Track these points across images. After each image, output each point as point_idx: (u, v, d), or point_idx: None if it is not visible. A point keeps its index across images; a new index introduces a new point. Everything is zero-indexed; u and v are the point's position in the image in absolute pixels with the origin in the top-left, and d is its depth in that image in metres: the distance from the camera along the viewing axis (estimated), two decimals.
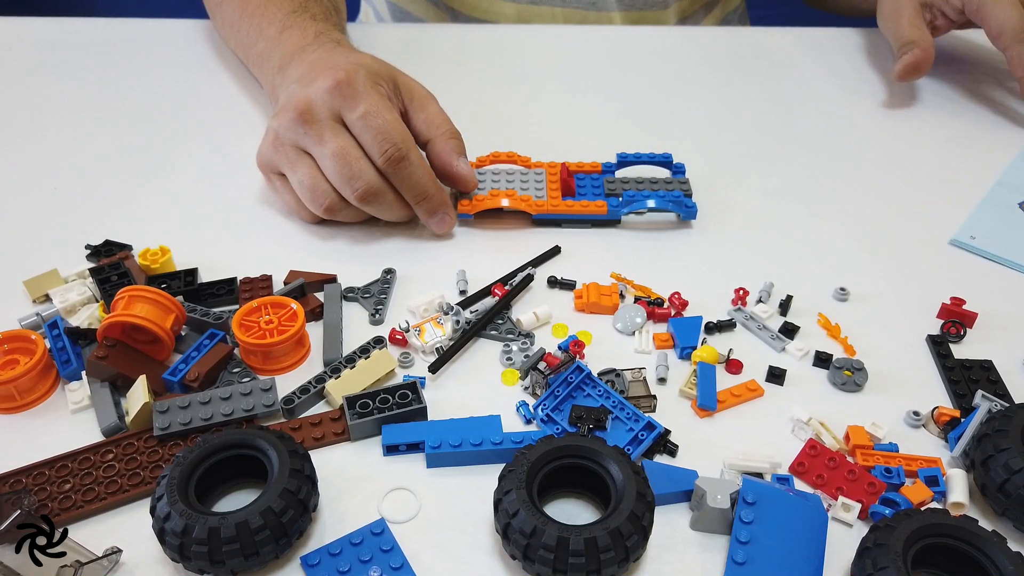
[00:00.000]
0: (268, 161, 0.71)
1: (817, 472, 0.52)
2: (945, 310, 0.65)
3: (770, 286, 0.67)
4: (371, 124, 0.66)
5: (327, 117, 0.67)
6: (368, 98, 0.67)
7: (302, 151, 0.69)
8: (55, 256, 0.68)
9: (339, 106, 0.67)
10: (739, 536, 0.47)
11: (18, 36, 1.00)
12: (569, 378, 0.56)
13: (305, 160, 0.68)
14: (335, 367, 0.59)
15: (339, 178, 0.66)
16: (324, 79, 0.68)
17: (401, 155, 0.66)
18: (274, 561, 0.48)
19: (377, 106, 0.67)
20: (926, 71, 0.87)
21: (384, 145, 0.66)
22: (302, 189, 0.68)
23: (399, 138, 0.67)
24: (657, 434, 0.54)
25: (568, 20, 1.08)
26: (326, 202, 0.68)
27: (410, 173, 0.67)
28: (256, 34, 0.84)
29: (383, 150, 0.66)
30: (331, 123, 0.67)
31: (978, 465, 0.51)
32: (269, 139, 0.70)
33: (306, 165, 0.68)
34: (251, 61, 0.87)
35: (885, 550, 0.44)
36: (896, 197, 0.78)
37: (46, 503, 0.50)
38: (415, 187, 0.68)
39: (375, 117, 0.67)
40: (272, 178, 0.72)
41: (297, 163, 0.68)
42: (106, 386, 0.57)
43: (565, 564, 0.45)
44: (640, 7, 1.07)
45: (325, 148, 0.66)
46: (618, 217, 0.72)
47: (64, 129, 0.85)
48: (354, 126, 0.67)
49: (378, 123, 0.66)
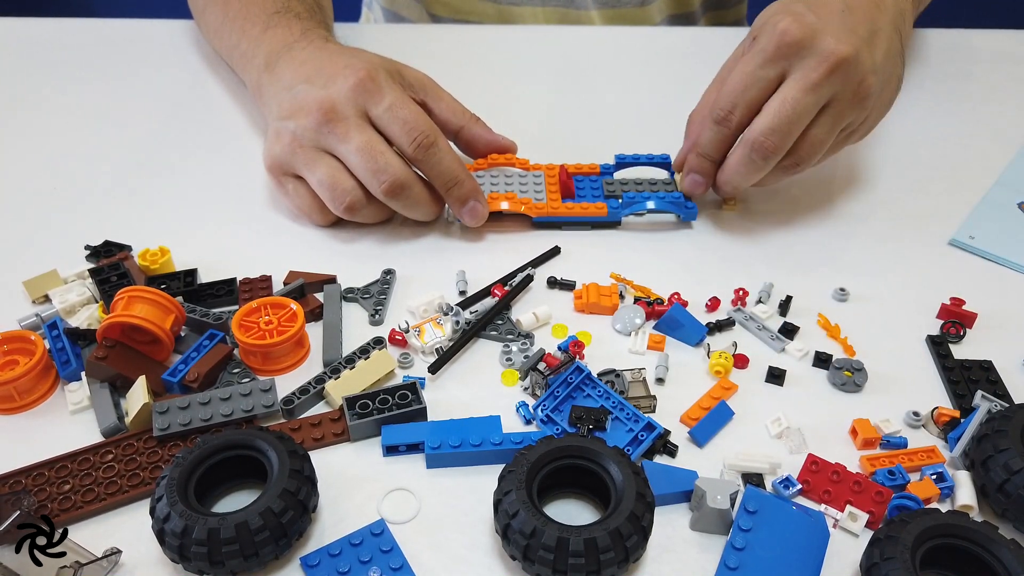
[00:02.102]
0: (283, 163, 0.70)
1: (823, 488, 0.52)
2: (945, 310, 0.65)
3: (770, 286, 0.67)
4: (398, 115, 0.67)
5: (353, 115, 0.67)
6: (391, 91, 0.68)
7: (323, 151, 0.68)
8: (55, 256, 0.68)
9: (364, 102, 0.67)
10: (735, 542, 0.47)
11: (18, 36, 1.00)
12: (569, 378, 0.56)
13: (326, 159, 0.68)
14: (335, 368, 0.59)
15: (366, 172, 0.66)
16: (344, 78, 0.68)
17: (431, 141, 0.67)
18: (274, 562, 0.48)
19: (401, 98, 0.68)
20: None
21: (413, 133, 0.67)
22: (322, 188, 0.68)
23: (427, 126, 0.67)
24: (657, 435, 0.54)
25: (548, 20, 1.07)
26: (348, 199, 0.67)
27: (440, 159, 0.68)
28: (239, 35, 0.83)
29: (412, 138, 0.67)
30: (357, 120, 0.67)
31: (978, 465, 0.51)
32: (284, 140, 0.69)
33: (327, 163, 0.68)
34: (235, 62, 0.86)
35: (894, 542, 0.44)
36: (896, 197, 0.78)
37: (46, 504, 0.50)
38: (446, 172, 0.68)
39: (401, 108, 0.67)
40: (284, 180, 0.71)
41: (318, 162, 0.68)
42: (106, 387, 0.57)
43: (565, 564, 0.45)
44: (613, 4, 1.07)
45: (350, 144, 0.66)
46: (618, 219, 0.73)
47: (64, 129, 0.85)
48: (380, 119, 0.67)
49: (404, 113, 0.67)
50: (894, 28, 0.71)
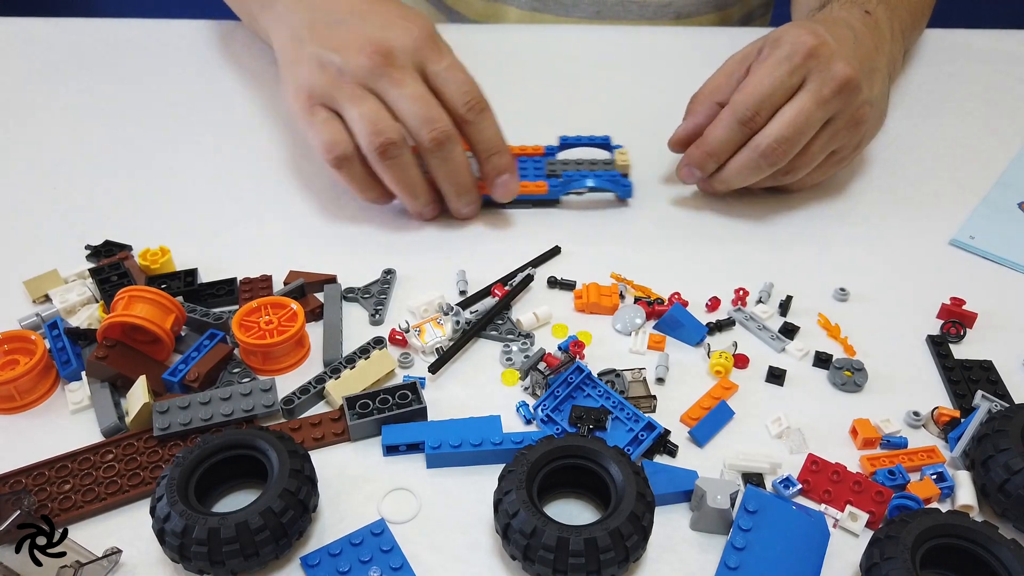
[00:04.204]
0: (321, 93, 0.68)
1: (823, 488, 0.52)
2: (945, 310, 0.65)
3: (770, 286, 0.67)
4: (456, 75, 0.68)
5: (409, 65, 0.67)
6: (450, 53, 0.70)
7: (369, 90, 0.67)
8: (55, 256, 0.68)
9: (423, 58, 0.68)
10: (735, 542, 0.47)
11: (18, 36, 1.00)
12: (569, 378, 0.56)
13: (372, 98, 0.67)
14: (335, 367, 0.59)
15: (417, 119, 0.66)
16: (405, 29, 0.68)
17: (484, 104, 0.68)
18: (274, 561, 0.48)
19: (457, 61, 0.69)
20: None
21: (469, 95, 0.67)
22: (362, 122, 0.66)
23: (480, 91, 0.69)
24: (657, 434, 0.54)
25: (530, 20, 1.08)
26: (387, 137, 0.66)
27: (489, 124, 0.69)
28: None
29: (467, 99, 0.67)
30: (412, 71, 0.67)
31: (978, 465, 0.51)
32: (328, 73, 0.67)
33: (373, 101, 0.67)
34: None
35: (894, 542, 0.44)
36: (896, 197, 0.78)
37: (46, 503, 0.50)
38: (493, 138, 0.69)
39: (459, 70, 0.69)
40: (315, 110, 0.68)
41: (363, 98, 0.66)
42: (106, 386, 0.57)
43: (565, 564, 0.45)
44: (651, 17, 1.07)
45: (404, 90, 0.66)
46: (557, 197, 0.75)
47: (64, 129, 0.85)
48: (438, 76, 0.68)
49: (461, 76, 0.68)
50: (887, 72, 0.76)
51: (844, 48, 0.69)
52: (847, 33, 0.72)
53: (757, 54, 0.71)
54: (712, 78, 0.75)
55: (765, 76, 0.68)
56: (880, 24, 0.78)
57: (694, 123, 0.73)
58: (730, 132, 0.69)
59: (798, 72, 0.68)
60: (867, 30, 0.75)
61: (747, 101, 0.68)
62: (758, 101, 0.68)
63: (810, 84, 0.68)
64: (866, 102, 0.70)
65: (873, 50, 0.74)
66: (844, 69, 0.67)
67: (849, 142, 0.72)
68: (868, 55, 0.72)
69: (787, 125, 0.67)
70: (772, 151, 0.68)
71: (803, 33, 0.69)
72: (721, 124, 0.70)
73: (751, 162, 0.69)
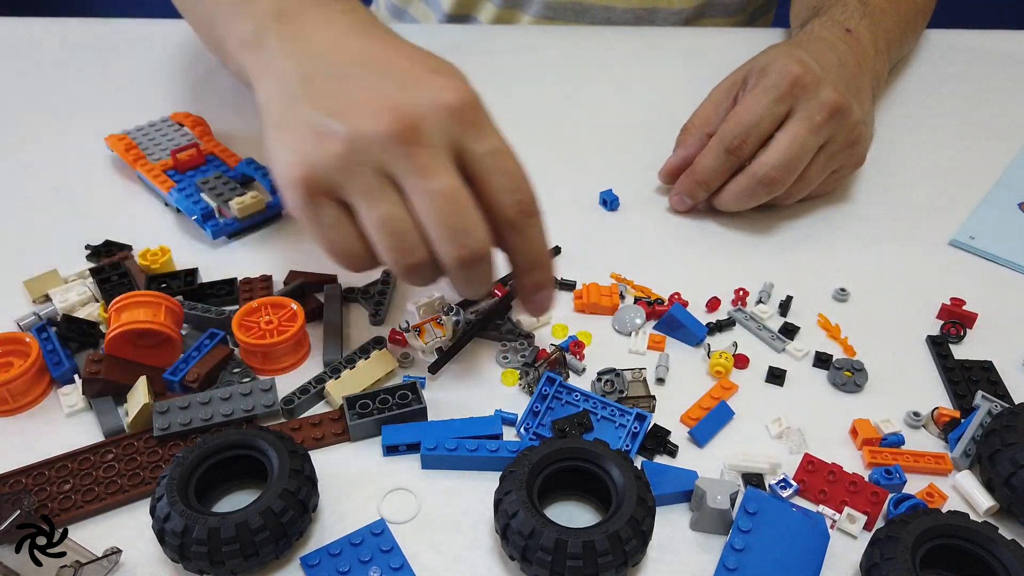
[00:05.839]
0: (326, 180, 0.50)
1: (819, 488, 0.52)
2: (945, 310, 0.65)
3: (770, 286, 0.67)
4: (504, 163, 0.51)
5: (441, 144, 0.49)
6: (496, 130, 0.52)
7: (387, 178, 0.50)
8: (55, 256, 0.68)
9: (461, 134, 0.50)
10: (734, 543, 0.47)
11: (18, 36, 1.00)
12: (543, 391, 0.56)
13: (391, 193, 0.50)
14: (335, 367, 0.59)
15: (444, 228, 0.49)
16: (438, 89, 0.50)
17: (536, 207, 0.52)
18: (274, 561, 0.48)
19: (506, 142, 0.52)
20: None
21: (520, 193, 0.51)
22: (382, 232, 0.50)
23: (532, 187, 0.52)
24: (649, 422, 0.54)
25: None
26: (416, 260, 0.50)
27: (537, 232, 0.53)
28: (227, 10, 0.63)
29: (518, 198, 0.51)
30: (445, 153, 0.49)
31: (984, 460, 0.51)
32: (332, 147, 0.49)
33: (393, 201, 0.49)
34: (221, 19, 0.65)
35: (894, 542, 0.45)
36: (896, 197, 0.78)
37: (46, 503, 0.50)
38: (537, 250, 0.53)
39: (507, 157, 0.51)
40: (321, 204, 0.50)
41: (380, 195, 0.49)
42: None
43: (563, 567, 0.45)
44: None
45: (431, 183, 0.48)
46: None
47: (64, 129, 0.85)
48: (480, 162, 0.50)
49: (511, 164, 0.51)
50: (871, 90, 0.78)
51: (829, 74, 0.70)
52: (830, 56, 0.73)
53: (743, 83, 0.72)
54: (700, 109, 0.76)
55: (752, 104, 0.69)
56: (862, 41, 0.79)
57: (684, 154, 0.74)
58: (717, 160, 0.70)
59: (785, 100, 0.68)
60: (849, 49, 0.76)
61: (734, 130, 0.69)
62: (745, 129, 0.69)
63: (800, 112, 0.68)
64: (859, 122, 0.71)
65: (856, 70, 0.75)
66: (831, 95, 0.68)
67: (848, 161, 0.73)
68: (852, 76, 0.74)
69: (783, 152, 0.68)
70: (770, 179, 0.68)
71: (789, 62, 0.69)
72: (709, 153, 0.71)
73: (748, 189, 0.70)
